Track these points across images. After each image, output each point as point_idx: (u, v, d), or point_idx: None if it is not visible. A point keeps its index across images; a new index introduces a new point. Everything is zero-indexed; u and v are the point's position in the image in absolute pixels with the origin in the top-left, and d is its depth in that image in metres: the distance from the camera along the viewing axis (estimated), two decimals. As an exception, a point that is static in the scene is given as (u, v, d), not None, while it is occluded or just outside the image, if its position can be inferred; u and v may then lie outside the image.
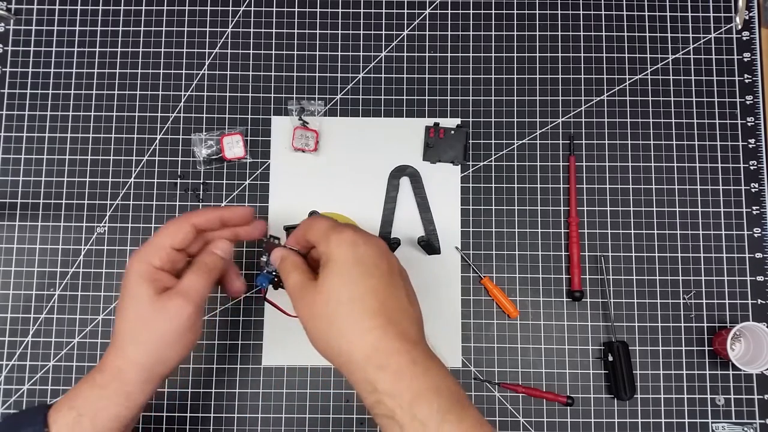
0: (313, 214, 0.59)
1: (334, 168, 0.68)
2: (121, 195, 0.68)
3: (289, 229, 0.58)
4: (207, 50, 0.70)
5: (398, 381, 0.41)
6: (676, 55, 0.70)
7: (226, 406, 0.64)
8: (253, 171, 0.68)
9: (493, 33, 0.71)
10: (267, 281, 0.55)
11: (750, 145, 0.69)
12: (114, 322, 0.49)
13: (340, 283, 0.43)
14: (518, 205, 0.68)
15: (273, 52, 0.70)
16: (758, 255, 0.67)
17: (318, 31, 0.71)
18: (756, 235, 0.67)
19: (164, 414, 0.64)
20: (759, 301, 0.66)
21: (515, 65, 0.70)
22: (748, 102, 0.69)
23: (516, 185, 0.68)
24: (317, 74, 0.70)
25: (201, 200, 0.68)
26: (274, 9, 0.71)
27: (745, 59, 0.70)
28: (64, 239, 0.67)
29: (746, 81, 0.70)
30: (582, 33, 0.71)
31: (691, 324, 0.66)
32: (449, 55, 0.70)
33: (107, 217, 0.67)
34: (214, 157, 0.68)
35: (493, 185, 0.68)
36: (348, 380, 0.44)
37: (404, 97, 0.69)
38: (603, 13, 0.71)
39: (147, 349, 0.47)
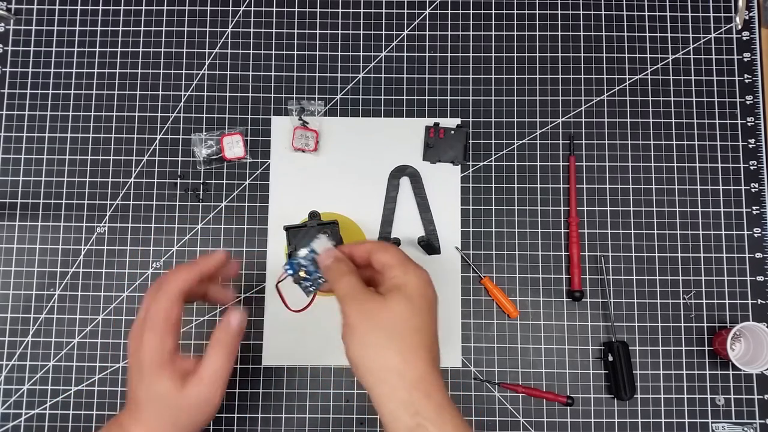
0: (313, 214, 0.59)
1: (334, 168, 0.68)
2: (121, 195, 0.68)
3: (289, 229, 0.58)
4: (207, 50, 0.70)
5: (441, 413, 0.43)
6: (676, 55, 0.70)
7: (226, 406, 0.64)
8: (253, 171, 0.68)
9: (493, 33, 0.71)
10: (295, 271, 0.53)
11: (750, 145, 0.69)
12: (133, 398, 0.48)
13: (412, 310, 0.46)
14: (518, 205, 0.68)
15: (273, 52, 0.70)
16: (758, 255, 0.67)
17: (318, 31, 0.71)
18: (756, 235, 0.67)
19: (164, 414, 0.64)
20: (759, 301, 0.66)
21: (515, 65, 0.70)
22: (748, 102, 0.69)
23: (516, 185, 0.68)
24: (317, 74, 0.70)
25: (201, 200, 0.68)
26: (274, 9, 0.71)
27: (745, 59, 0.70)
28: (64, 239, 0.67)
29: (746, 81, 0.70)
30: (582, 33, 0.71)
31: (691, 324, 0.66)
32: (449, 55, 0.70)
33: (107, 217, 0.67)
34: (214, 157, 0.68)
35: (493, 185, 0.68)
36: (379, 394, 0.44)
37: (404, 97, 0.69)
38: (603, 13, 0.71)
39: (181, 428, 0.48)
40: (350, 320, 0.46)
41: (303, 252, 0.53)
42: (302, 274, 0.54)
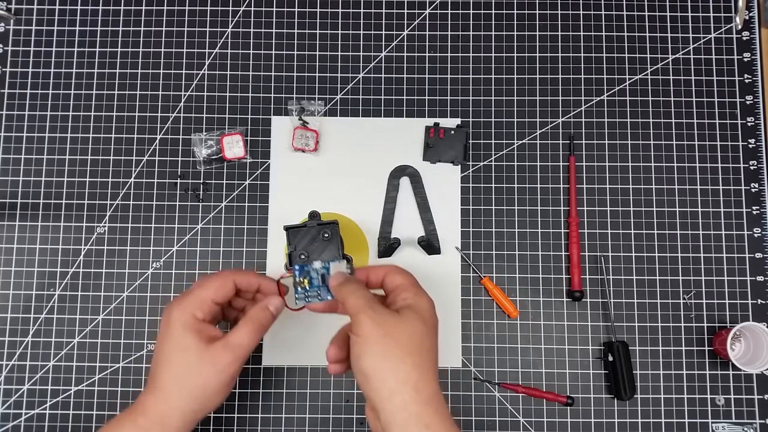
0: (313, 214, 0.59)
1: (334, 168, 0.68)
2: (121, 195, 0.68)
3: (289, 229, 0.58)
4: (207, 50, 0.70)
5: (449, 429, 0.45)
6: (676, 55, 0.70)
7: (226, 406, 0.64)
8: (253, 171, 0.68)
9: (493, 33, 0.71)
10: (301, 275, 0.55)
11: (750, 145, 0.69)
12: (153, 366, 0.50)
13: (425, 330, 0.48)
14: (518, 205, 0.68)
15: (273, 52, 0.70)
16: (758, 255, 0.67)
17: (318, 31, 0.71)
18: (756, 235, 0.67)
19: (164, 414, 0.64)
20: (759, 301, 0.66)
21: (515, 65, 0.70)
22: (748, 102, 0.69)
23: (516, 185, 0.68)
24: (317, 74, 0.70)
25: (201, 200, 0.68)
26: (274, 9, 0.71)
27: (745, 59, 0.70)
28: (64, 239, 0.67)
29: (746, 81, 0.70)
30: (582, 33, 0.71)
31: (691, 324, 0.66)
32: (449, 55, 0.70)
33: (107, 217, 0.68)
34: (214, 157, 0.68)
35: (493, 185, 0.68)
36: (392, 406, 0.45)
37: (404, 97, 0.69)
38: (603, 13, 0.71)
39: (191, 398, 0.49)
40: (364, 331, 0.46)
41: (317, 264, 0.55)
42: (305, 282, 0.54)
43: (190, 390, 0.49)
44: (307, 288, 0.54)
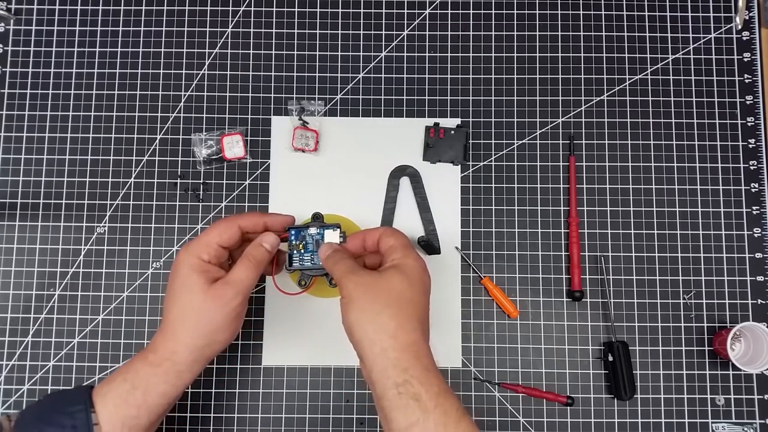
0: (316, 215, 0.59)
1: (334, 168, 0.68)
2: (121, 195, 0.68)
3: (291, 230, 0.58)
4: (207, 50, 0.70)
5: (428, 374, 0.47)
6: (676, 55, 0.70)
7: (226, 406, 0.64)
8: (253, 171, 0.68)
9: (493, 33, 0.71)
10: (296, 239, 0.57)
11: (750, 145, 0.69)
12: (164, 309, 0.53)
13: (407, 284, 0.50)
14: (518, 205, 0.68)
15: (273, 52, 0.70)
16: (758, 255, 0.67)
17: (318, 31, 0.71)
18: (756, 235, 0.67)
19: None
20: (759, 301, 0.66)
21: (515, 65, 0.70)
22: (748, 102, 0.69)
23: (516, 185, 0.68)
24: (317, 74, 0.70)
25: (201, 200, 0.68)
26: (274, 9, 0.71)
27: (745, 59, 0.70)
28: (64, 239, 0.67)
29: (746, 81, 0.70)
30: (582, 33, 0.71)
31: (691, 324, 0.66)
32: (449, 55, 0.70)
33: (107, 217, 0.68)
34: (214, 157, 0.68)
35: (493, 185, 0.68)
36: (373, 354, 0.48)
37: (404, 97, 0.69)
38: (603, 13, 0.71)
39: (198, 333, 0.51)
40: (348, 292, 0.50)
41: (313, 230, 0.57)
42: (300, 246, 0.57)
43: (196, 325, 0.51)
44: (302, 252, 0.57)
